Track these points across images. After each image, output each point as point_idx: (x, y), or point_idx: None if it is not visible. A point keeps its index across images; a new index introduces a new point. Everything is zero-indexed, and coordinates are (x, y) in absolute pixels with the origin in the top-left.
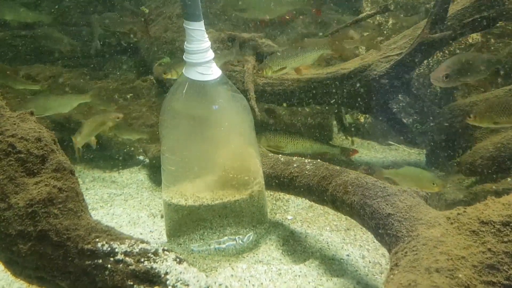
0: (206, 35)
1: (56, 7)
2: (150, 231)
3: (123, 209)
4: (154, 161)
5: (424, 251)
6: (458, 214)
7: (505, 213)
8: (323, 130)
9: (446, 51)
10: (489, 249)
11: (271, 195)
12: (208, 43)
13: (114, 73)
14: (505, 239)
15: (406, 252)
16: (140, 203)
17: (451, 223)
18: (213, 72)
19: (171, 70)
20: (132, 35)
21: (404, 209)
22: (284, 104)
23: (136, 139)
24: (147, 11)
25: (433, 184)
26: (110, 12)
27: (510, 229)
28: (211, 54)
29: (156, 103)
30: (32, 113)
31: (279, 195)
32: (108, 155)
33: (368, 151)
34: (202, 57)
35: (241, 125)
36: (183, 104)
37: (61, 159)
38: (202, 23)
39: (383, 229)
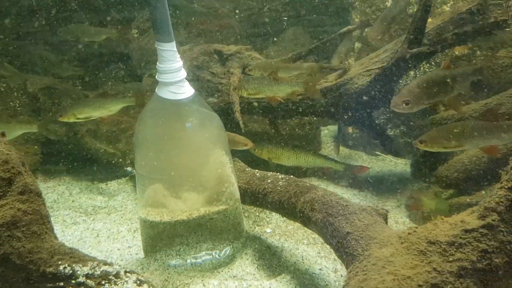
0: (178, 55)
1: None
2: (129, 246)
3: (103, 223)
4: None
5: (373, 271)
6: (409, 233)
7: (451, 233)
8: (311, 141)
9: (433, 62)
10: (435, 269)
11: (255, 208)
12: (180, 63)
13: (106, 84)
14: (450, 259)
15: (357, 272)
16: (122, 217)
17: (402, 243)
18: (186, 91)
19: (67, 112)
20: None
21: (361, 228)
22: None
23: (111, 152)
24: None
25: None
26: (79, 23)
27: (455, 249)
28: (183, 74)
29: None
30: (3, 134)
31: None
32: (97, 166)
33: (355, 161)
34: (174, 76)
35: (214, 142)
36: (155, 123)
37: (28, 181)
38: (173, 43)
39: (342, 247)
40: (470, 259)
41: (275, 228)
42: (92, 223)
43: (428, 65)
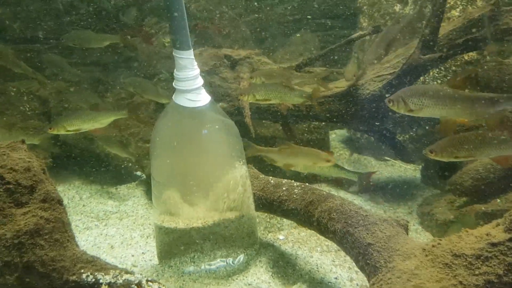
0: (195, 63)
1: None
2: (142, 252)
3: (116, 229)
4: (151, 178)
5: (398, 284)
6: (433, 246)
7: (477, 246)
8: (320, 145)
9: (442, 68)
10: (461, 282)
11: (266, 213)
12: (197, 71)
13: (114, 87)
14: (476, 272)
15: (381, 285)
16: (134, 222)
17: (426, 255)
18: (202, 98)
19: (57, 125)
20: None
21: (383, 239)
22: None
23: (124, 156)
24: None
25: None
26: (82, 30)
27: (481, 262)
28: (200, 81)
29: (154, 119)
30: (23, 142)
31: None
32: (106, 170)
33: (365, 167)
34: (191, 84)
35: (230, 149)
36: (171, 130)
37: (49, 189)
38: (191, 51)
39: (363, 258)
40: (496, 273)
41: (287, 235)
42: (104, 228)
43: (437, 70)
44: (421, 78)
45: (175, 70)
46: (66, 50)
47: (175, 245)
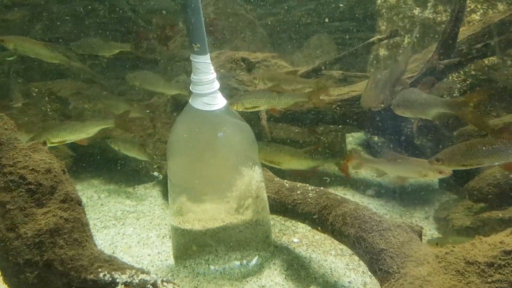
0: (212, 67)
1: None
2: (158, 252)
3: (133, 228)
4: (168, 179)
5: None
6: (446, 253)
7: (490, 254)
8: (336, 148)
9: (461, 71)
10: None
11: (280, 216)
12: (213, 75)
13: (133, 89)
14: (489, 280)
15: None
16: (151, 222)
17: (439, 262)
18: (219, 102)
19: (40, 137)
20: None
21: (397, 245)
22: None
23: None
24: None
25: None
26: (91, 38)
27: (494, 270)
28: (216, 85)
29: (172, 120)
30: (44, 143)
31: None
32: (124, 170)
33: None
34: (207, 88)
35: (245, 152)
36: (188, 133)
37: (69, 189)
38: (208, 56)
39: (376, 263)
40: (509, 281)
41: (302, 237)
42: (122, 227)
43: (456, 74)
44: None
45: (192, 74)
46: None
47: (191, 247)
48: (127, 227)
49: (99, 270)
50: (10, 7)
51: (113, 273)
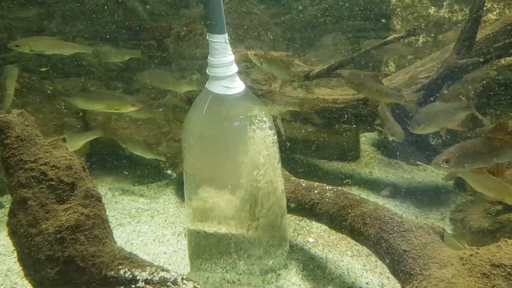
0: (230, 48)
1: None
2: (174, 250)
3: (148, 226)
4: (181, 177)
5: None
6: (471, 255)
7: None
8: (350, 148)
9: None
10: None
11: (294, 215)
12: (232, 57)
13: (146, 87)
14: None
15: None
16: (166, 220)
17: (463, 264)
18: (238, 85)
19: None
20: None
21: (419, 247)
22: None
23: (150, 158)
24: None
25: None
26: (102, 45)
27: None
28: (235, 68)
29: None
30: (64, 140)
31: None
32: (137, 168)
33: (396, 171)
34: (226, 70)
35: (264, 144)
36: (205, 120)
37: (89, 186)
38: (225, 35)
39: (398, 265)
40: None
41: (317, 237)
42: (137, 225)
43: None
44: None
45: (209, 56)
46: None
47: (207, 249)
48: (142, 225)
49: (120, 267)
50: (25, 5)
51: (133, 270)
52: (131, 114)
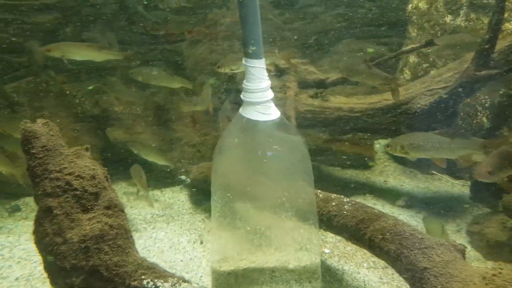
0: (266, 73)
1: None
2: (190, 258)
3: (165, 233)
4: (195, 182)
5: None
6: (493, 275)
7: None
8: (365, 156)
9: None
10: None
11: None
12: (268, 82)
13: (161, 92)
14: None
15: None
16: (181, 227)
17: (486, 284)
18: (273, 112)
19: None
20: None
21: (441, 264)
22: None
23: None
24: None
25: None
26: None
27: None
28: (270, 94)
29: (200, 124)
30: (87, 149)
31: None
32: (151, 173)
33: (411, 180)
34: (262, 96)
35: (300, 170)
36: (239, 146)
37: (112, 196)
38: (263, 61)
39: (419, 282)
40: None
41: (333, 248)
42: (153, 231)
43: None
44: None
45: (244, 81)
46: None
47: (233, 280)
48: (158, 231)
49: (143, 277)
50: (42, 10)
51: (156, 280)
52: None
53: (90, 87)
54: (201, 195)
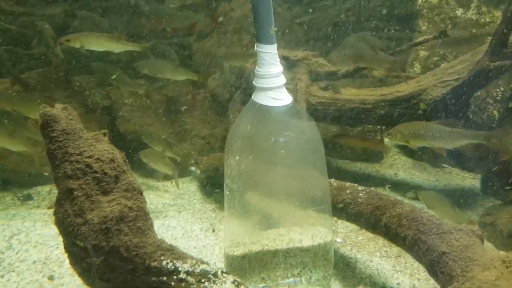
0: (278, 59)
1: None
2: (203, 245)
3: (177, 221)
4: (205, 173)
5: None
6: None
7: None
8: (374, 151)
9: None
10: None
11: None
12: (280, 67)
13: (171, 84)
14: None
15: None
16: (193, 216)
17: (507, 267)
18: (285, 97)
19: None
20: None
21: (460, 248)
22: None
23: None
24: None
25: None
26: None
27: None
28: (283, 79)
29: (209, 116)
30: (105, 134)
31: None
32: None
33: (420, 173)
34: (274, 81)
35: (311, 158)
36: (252, 132)
37: (131, 179)
38: (275, 46)
39: (437, 266)
40: None
41: (345, 238)
42: (165, 219)
43: None
44: None
45: (257, 67)
46: None
47: (247, 266)
48: (171, 219)
49: (162, 257)
50: (51, 2)
51: (175, 261)
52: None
53: (114, 76)
54: (211, 186)
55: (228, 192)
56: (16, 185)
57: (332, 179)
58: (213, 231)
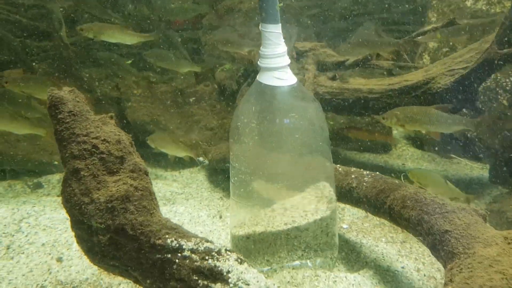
0: (283, 39)
1: None
2: (210, 230)
3: (184, 207)
4: (213, 163)
5: (479, 269)
6: None
7: None
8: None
9: None
10: None
11: None
12: (285, 47)
13: (179, 77)
14: None
15: (461, 269)
16: (200, 203)
17: (508, 243)
18: (290, 77)
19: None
20: None
21: (462, 227)
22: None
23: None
24: None
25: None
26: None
27: None
28: (287, 59)
29: (217, 107)
30: (111, 117)
31: None
32: (169, 155)
33: (429, 164)
34: (279, 61)
35: (315, 139)
36: (257, 113)
37: (137, 160)
38: (280, 26)
39: (440, 244)
40: None
41: (351, 224)
42: (173, 206)
43: None
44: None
45: (261, 47)
46: None
47: (252, 247)
48: (178, 206)
49: (167, 236)
50: None
51: (179, 239)
52: None
53: (129, 61)
54: (219, 175)
55: (233, 171)
56: (27, 174)
57: (338, 165)
58: (220, 217)
